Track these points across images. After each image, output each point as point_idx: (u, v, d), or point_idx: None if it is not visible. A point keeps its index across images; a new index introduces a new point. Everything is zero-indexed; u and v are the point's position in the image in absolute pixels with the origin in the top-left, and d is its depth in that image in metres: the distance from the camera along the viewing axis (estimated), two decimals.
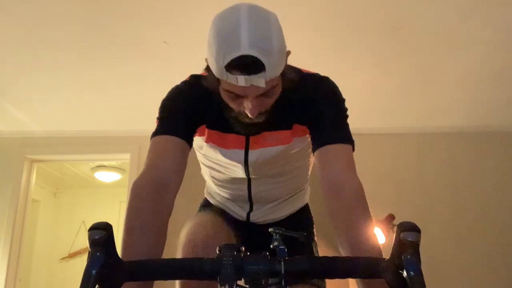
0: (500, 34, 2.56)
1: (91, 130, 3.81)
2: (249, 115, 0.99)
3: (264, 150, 1.15)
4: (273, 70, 0.93)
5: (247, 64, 0.90)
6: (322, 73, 1.17)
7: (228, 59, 0.90)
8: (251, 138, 1.15)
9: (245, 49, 0.89)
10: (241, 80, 0.91)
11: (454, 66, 2.90)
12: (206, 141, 1.15)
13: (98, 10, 2.36)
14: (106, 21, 2.45)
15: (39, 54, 2.75)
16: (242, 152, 1.16)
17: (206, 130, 1.14)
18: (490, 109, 3.48)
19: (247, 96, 0.97)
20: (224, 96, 1.01)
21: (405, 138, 3.76)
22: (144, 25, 2.49)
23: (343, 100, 1.12)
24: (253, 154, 1.16)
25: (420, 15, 2.41)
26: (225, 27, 0.92)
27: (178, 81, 1.18)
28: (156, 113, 1.12)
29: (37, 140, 3.86)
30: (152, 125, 1.10)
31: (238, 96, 0.98)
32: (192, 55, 2.72)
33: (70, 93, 3.25)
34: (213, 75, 0.97)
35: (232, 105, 1.02)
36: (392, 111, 3.54)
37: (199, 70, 1.20)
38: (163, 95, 1.15)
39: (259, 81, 0.92)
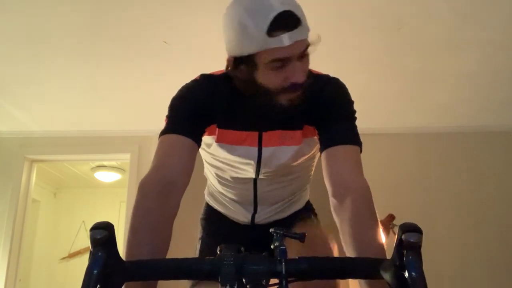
0: (500, 34, 2.56)
1: (91, 130, 3.81)
2: (298, 80, 0.99)
3: (279, 149, 1.14)
4: (306, 26, 0.97)
5: (286, 20, 0.94)
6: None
7: (267, 22, 0.92)
8: (264, 135, 1.14)
9: (279, 7, 0.93)
10: (286, 38, 0.94)
11: (454, 66, 2.90)
12: (217, 141, 1.14)
13: (98, 10, 2.36)
14: (106, 21, 2.45)
15: (39, 54, 2.75)
16: (256, 149, 1.15)
17: (217, 129, 1.13)
18: (490, 109, 3.48)
19: (291, 59, 0.97)
20: (267, 75, 1.00)
21: (405, 138, 3.76)
22: (144, 25, 2.49)
23: (352, 102, 1.13)
24: (267, 152, 1.15)
25: (420, 15, 2.41)
26: (252, 1, 0.96)
27: (178, 81, 1.17)
28: (156, 113, 1.12)
29: (37, 140, 3.86)
30: (152, 125, 1.10)
31: (281, 67, 0.98)
32: (192, 55, 2.73)
33: (70, 93, 3.25)
34: (248, 62, 0.99)
35: (276, 80, 1.00)
36: (392, 111, 3.54)
37: (199, 70, 1.19)
38: (163, 95, 1.15)
39: (302, 33, 0.96)
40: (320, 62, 1.19)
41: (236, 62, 1.01)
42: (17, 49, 2.70)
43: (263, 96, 1.03)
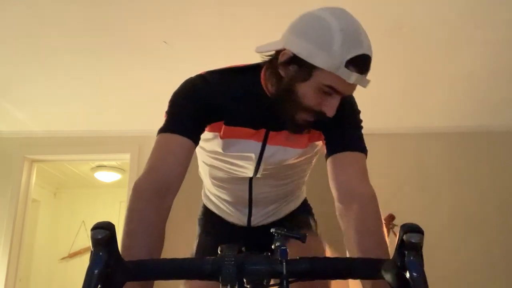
0: (500, 34, 2.56)
1: (91, 130, 3.80)
2: (328, 114, 1.00)
3: (282, 149, 1.14)
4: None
5: (364, 63, 0.96)
6: None
7: (353, 54, 0.94)
8: (270, 134, 1.12)
9: (366, 50, 0.97)
10: (354, 77, 0.95)
11: (454, 66, 2.90)
12: (222, 137, 1.11)
13: (98, 11, 2.36)
14: (106, 22, 2.45)
15: (39, 54, 2.75)
16: (260, 144, 1.13)
17: (224, 126, 1.09)
18: (490, 109, 3.48)
19: (339, 94, 0.98)
20: (310, 91, 0.98)
21: (405, 138, 3.76)
22: (144, 25, 2.49)
23: (359, 112, 1.16)
24: (270, 150, 1.14)
25: (420, 15, 2.41)
26: (349, 25, 0.97)
27: (178, 81, 1.13)
28: (156, 113, 1.11)
29: (37, 140, 3.86)
30: (152, 125, 1.08)
31: (327, 94, 0.98)
32: (192, 55, 2.73)
33: (70, 93, 3.25)
34: (305, 69, 0.96)
35: (313, 100, 0.99)
36: (392, 111, 3.54)
37: (199, 70, 1.17)
38: (163, 95, 1.12)
39: (365, 81, 0.98)
40: None
41: (293, 60, 0.98)
42: (17, 49, 2.70)
43: (288, 102, 1.01)
